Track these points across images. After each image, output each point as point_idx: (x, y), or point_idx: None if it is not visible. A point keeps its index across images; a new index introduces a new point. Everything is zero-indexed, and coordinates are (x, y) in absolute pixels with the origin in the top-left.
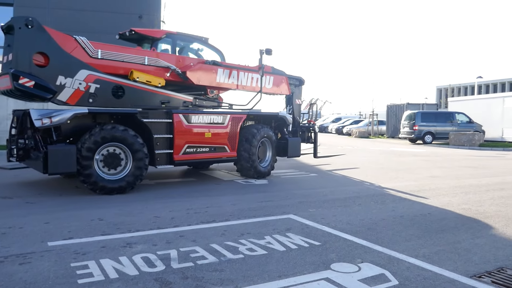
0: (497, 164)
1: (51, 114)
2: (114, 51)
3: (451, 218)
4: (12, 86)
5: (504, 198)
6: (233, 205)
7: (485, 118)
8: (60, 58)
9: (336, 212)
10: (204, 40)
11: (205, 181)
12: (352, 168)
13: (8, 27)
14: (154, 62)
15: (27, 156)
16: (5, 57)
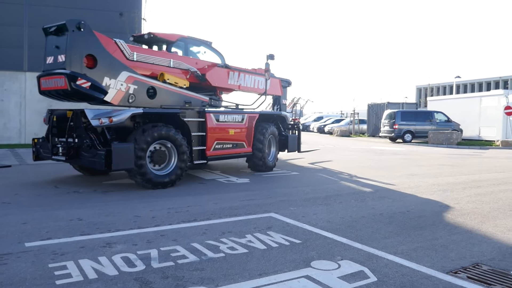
0: (474, 162)
1: (109, 114)
2: (146, 53)
3: (429, 215)
4: (69, 87)
5: (480, 195)
6: (215, 204)
7: (463, 117)
8: (106, 60)
9: (317, 210)
10: (209, 43)
11: (187, 180)
12: (334, 167)
13: (57, 29)
14: (178, 64)
15: (76, 154)
16: (50, 58)
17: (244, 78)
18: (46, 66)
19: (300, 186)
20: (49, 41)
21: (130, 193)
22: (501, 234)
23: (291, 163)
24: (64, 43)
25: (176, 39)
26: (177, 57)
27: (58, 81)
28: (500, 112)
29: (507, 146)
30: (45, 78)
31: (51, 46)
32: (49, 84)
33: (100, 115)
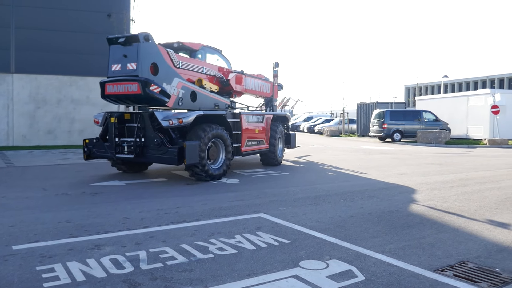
0: (461, 161)
1: (176, 116)
2: (188, 61)
3: (417, 214)
4: (142, 92)
5: (467, 194)
6: (204, 205)
7: (451, 116)
8: (164, 68)
9: (306, 210)
10: (220, 51)
11: (176, 181)
12: (323, 167)
13: (127, 40)
14: (208, 71)
15: (142, 152)
16: (116, 66)
17: (253, 83)
18: (112, 73)
19: (290, 186)
20: (115, 50)
21: (119, 195)
22: (487, 232)
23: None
24: (134, 53)
25: (199, 48)
26: (208, 64)
27: (130, 87)
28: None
29: (494, 144)
30: (112, 83)
31: (117, 55)
32: (118, 89)
33: (169, 117)
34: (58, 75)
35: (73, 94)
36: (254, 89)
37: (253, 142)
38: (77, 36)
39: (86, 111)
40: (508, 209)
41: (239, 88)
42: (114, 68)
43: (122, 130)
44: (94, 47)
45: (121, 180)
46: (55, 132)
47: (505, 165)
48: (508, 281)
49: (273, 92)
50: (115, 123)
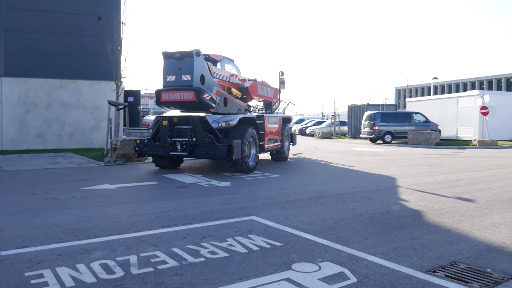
0: (452, 162)
1: (223, 119)
2: (220, 72)
3: (408, 215)
4: (197, 99)
5: (458, 194)
6: (196, 208)
7: (441, 118)
8: (208, 78)
9: (298, 212)
10: (233, 61)
11: (167, 184)
12: (314, 169)
13: (182, 55)
14: (232, 80)
15: (193, 150)
16: (171, 77)
17: (262, 89)
18: (167, 83)
19: (282, 189)
20: (169, 63)
21: (109, 199)
22: (478, 232)
23: (272, 166)
24: (189, 66)
25: (219, 59)
26: (232, 74)
27: (186, 95)
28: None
29: (483, 145)
30: (167, 92)
31: (172, 68)
32: (173, 97)
33: (217, 120)
34: (48, 78)
35: (63, 98)
36: (263, 94)
37: (271, 140)
38: (67, 39)
39: (76, 115)
40: (498, 210)
41: (254, 94)
42: (169, 79)
43: (173, 131)
44: (84, 50)
45: (111, 184)
46: (45, 136)
47: (494, 165)
48: (499, 281)
49: (276, 96)
50: (167, 126)
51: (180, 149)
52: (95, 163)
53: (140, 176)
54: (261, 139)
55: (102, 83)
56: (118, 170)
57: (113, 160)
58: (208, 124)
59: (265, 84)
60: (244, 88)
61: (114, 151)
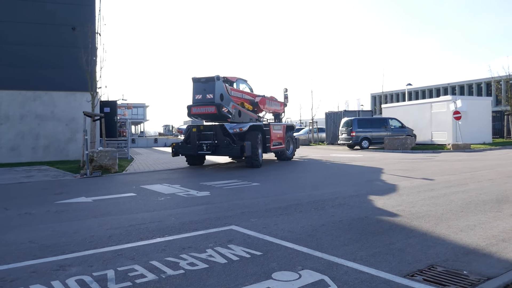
0: (427, 166)
1: (238, 126)
2: (234, 91)
3: (386, 220)
4: (218, 112)
5: (434, 198)
6: (175, 219)
7: (416, 123)
8: (226, 96)
9: (278, 220)
10: (246, 80)
11: (145, 196)
12: (293, 177)
13: (207, 79)
14: (245, 96)
15: (215, 149)
16: (198, 96)
17: (270, 103)
18: (196, 101)
19: (261, 197)
20: (197, 86)
21: (85, 212)
22: (454, 235)
23: (251, 174)
24: (212, 88)
25: (235, 80)
26: (244, 92)
27: (209, 109)
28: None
29: (457, 149)
30: (195, 107)
31: (199, 89)
32: (200, 111)
33: (233, 127)
34: (21, 90)
35: (37, 109)
36: (270, 107)
37: (276, 143)
38: (41, 49)
39: (51, 127)
40: (472, 212)
41: (262, 107)
42: (197, 97)
43: (200, 136)
44: (58, 60)
45: (88, 197)
46: (19, 149)
47: (468, 169)
48: (475, 283)
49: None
50: (196, 131)
51: (205, 149)
52: (71, 176)
53: (117, 188)
54: (267, 142)
55: (78, 94)
56: (95, 183)
57: (90, 172)
58: (226, 130)
59: (273, 99)
60: (255, 103)
61: (91, 163)
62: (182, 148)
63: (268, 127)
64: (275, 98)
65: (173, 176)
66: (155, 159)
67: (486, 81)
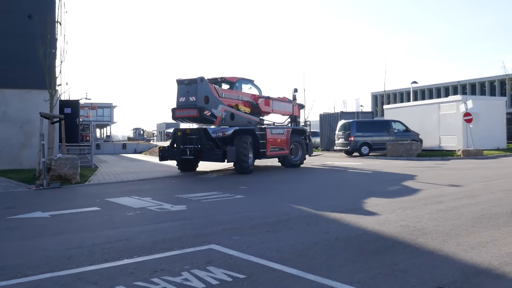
0: (435, 175)
1: (221, 130)
2: (228, 92)
3: (388, 237)
4: (199, 115)
5: (442, 211)
6: (145, 237)
7: (422, 126)
8: (213, 98)
9: (265, 238)
10: (252, 81)
11: (111, 210)
12: (283, 188)
13: (189, 82)
14: (243, 98)
15: (199, 154)
16: (182, 98)
17: (278, 105)
18: (179, 103)
19: (245, 211)
20: (181, 88)
21: (42, 229)
22: (464, 254)
23: (234, 185)
24: (194, 90)
25: (236, 80)
26: (242, 93)
27: (192, 112)
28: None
29: (468, 155)
30: (179, 110)
31: (183, 91)
32: (183, 114)
33: (216, 131)
34: None
35: None
36: (279, 110)
37: (275, 149)
38: None
39: (2, 130)
40: (485, 227)
41: (266, 109)
42: (181, 100)
43: (185, 140)
44: (12, 53)
45: (44, 211)
46: None
47: (481, 178)
48: None
49: (295, 111)
50: (181, 135)
51: (189, 154)
52: (25, 187)
53: (79, 201)
54: (262, 147)
55: (34, 92)
56: (53, 195)
57: (47, 183)
58: (208, 134)
59: (284, 100)
60: (255, 104)
61: (48, 172)
62: (168, 153)
63: (264, 131)
64: (287, 99)
65: (144, 188)
66: (124, 168)
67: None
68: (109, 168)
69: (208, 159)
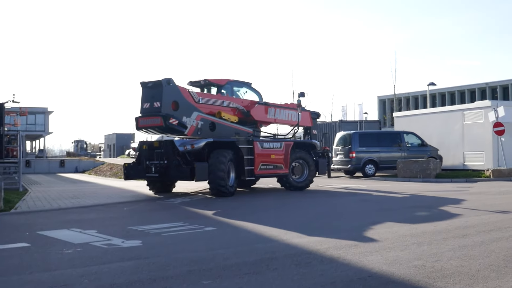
0: (457, 201)
1: (190, 142)
2: (208, 97)
3: (399, 281)
4: (164, 124)
5: (467, 248)
6: (88, 282)
7: (442, 139)
8: (184, 104)
9: (242, 282)
10: (249, 84)
11: (45, 246)
12: (265, 217)
13: (154, 84)
14: (229, 104)
15: (165, 172)
16: (146, 104)
17: (280, 113)
18: (143, 110)
19: (218, 248)
20: (145, 92)
21: None
22: None
23: (205, 214)
24: (159, 94)
25: (225, 83)
26: (229, 98)
27: (156, 120)
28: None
29: (499, 176)
30: (143, 118)
31: (147, 96)
32: (147, 122)
33: (184, 143)
34: None
35: None
36: (281, 119)
37: (268, 166)
38: None
39: None
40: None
41: (263, 118)
42: (145, 106)
43: (152, 155)
44: None
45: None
46: None
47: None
48: None
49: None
50: (146, 150)
51: (154, 171)
52: None
53: (2, 235)
54: (250, 164)
55: None
56: None
57: None
58: (176, 147)
59: (288, 107)
60: (246, 112)
61: None
62: (134, 170)
63: (252, 144)
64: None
65: (87, 217)
66: (61, 191)
67: None
68: (43, 191)
69: (175, 177)
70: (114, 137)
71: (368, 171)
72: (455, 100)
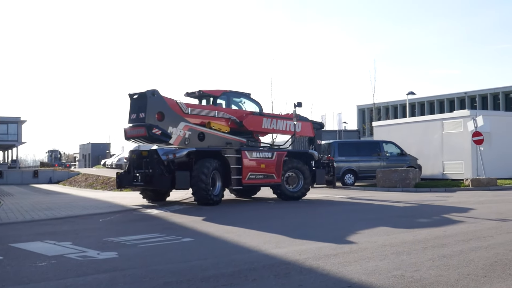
0: (436, 211)
1: (173, 151)
2: (197, 108)
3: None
4: (147, 134)
5: (446, 257)
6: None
7: (421, 149)
8: (170, 115)
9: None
10: (247, 95)
11: (17, 259)
12: (246, 227)
13: (139, 96)
14: (221, 114)
15: (150, 180)
16: (133, 115)
17: (277, 123)
18: (130, 121)
19: (196, 259)
20: (132, 103)
21: None
22: None
23: (182, 224)
24: (144, 105)
25: (220, 94)
26: (220, 108)
27: (140, 130)
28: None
29: (478, 186)
30: (130, 128)
31: (134, 107)
32: (133, 133)
33: (167, 152)
34: None
35: None
36: (278, 129)
37: (258, 176)
38: None
39: None
40: (499, 276)
41: (256, 128)
42: (132, 117)
43: (140, 164)
44: None
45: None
46: None
47: (494, 214)
48: None
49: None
50: (135, 159)
51: (140, 180)
52: None
53: None
54: (236, 173)
55: None
56: None
57: None
58: (159, 156)
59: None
60: (238, 123)
61: None
62: (125, 178)
63: (240, 153)
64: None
65: (62, 229)
66: (35, 203)
67: None
68: (15, 203)
69: (158, 185)
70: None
71: (347, 181)
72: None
